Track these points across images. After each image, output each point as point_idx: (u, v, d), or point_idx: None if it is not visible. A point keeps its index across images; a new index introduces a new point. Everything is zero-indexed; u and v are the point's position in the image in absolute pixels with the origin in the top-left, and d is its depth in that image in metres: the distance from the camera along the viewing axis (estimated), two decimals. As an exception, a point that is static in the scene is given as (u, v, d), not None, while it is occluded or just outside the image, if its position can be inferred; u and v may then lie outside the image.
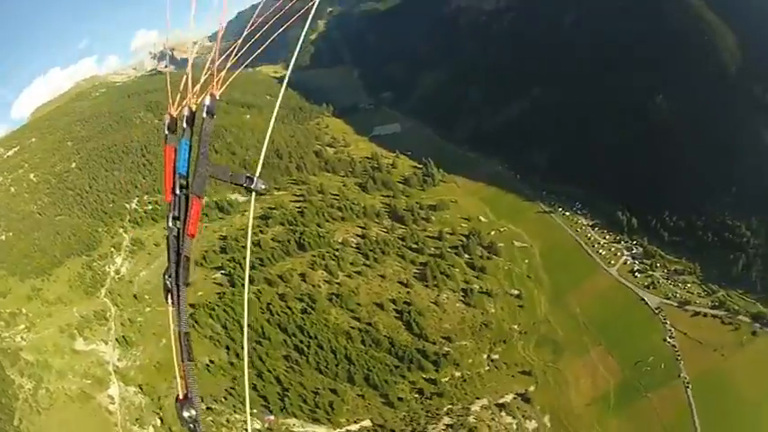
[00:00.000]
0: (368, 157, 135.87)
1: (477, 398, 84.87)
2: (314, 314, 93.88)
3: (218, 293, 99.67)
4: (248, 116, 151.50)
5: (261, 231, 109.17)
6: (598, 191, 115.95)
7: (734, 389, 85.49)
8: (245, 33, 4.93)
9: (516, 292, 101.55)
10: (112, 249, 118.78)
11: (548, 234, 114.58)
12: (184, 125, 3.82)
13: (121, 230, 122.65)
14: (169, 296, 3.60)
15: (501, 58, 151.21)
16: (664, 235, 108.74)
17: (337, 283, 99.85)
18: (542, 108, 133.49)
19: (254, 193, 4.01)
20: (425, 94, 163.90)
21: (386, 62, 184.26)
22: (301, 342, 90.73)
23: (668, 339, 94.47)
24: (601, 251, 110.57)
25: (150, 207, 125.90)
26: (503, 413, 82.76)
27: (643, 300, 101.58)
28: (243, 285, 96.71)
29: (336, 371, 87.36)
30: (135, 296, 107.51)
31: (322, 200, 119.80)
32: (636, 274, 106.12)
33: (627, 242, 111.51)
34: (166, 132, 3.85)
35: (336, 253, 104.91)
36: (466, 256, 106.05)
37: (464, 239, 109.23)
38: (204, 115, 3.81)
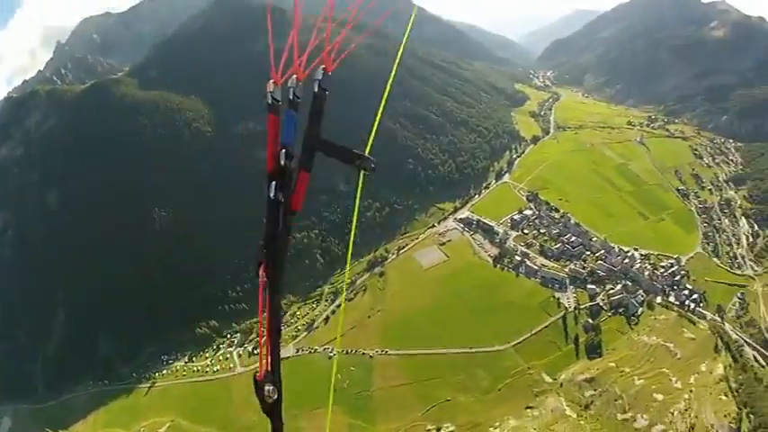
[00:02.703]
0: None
1: None
2: None
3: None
4: None
5: None
6: (170, 335, 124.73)
7: (407, 318, 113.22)
8: None
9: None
10: None
11: (174, 401, 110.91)
12: (290, 96, 3.61)
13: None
14: (261, 267, 3.54)
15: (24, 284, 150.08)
16: (227, 312, 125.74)
17: None
18: (84, 306, 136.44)
19: (362, 173, 3.84)
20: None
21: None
22: None
23: (330, 355, 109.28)
24: (216, 368, 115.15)
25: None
26: None
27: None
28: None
29: None
30: None
31: None
32: (254, 352, 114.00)
33: (224, 344, 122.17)
34: (269, 101, 3.57)
35: None
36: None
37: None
38: (316, 89, 3.61)
